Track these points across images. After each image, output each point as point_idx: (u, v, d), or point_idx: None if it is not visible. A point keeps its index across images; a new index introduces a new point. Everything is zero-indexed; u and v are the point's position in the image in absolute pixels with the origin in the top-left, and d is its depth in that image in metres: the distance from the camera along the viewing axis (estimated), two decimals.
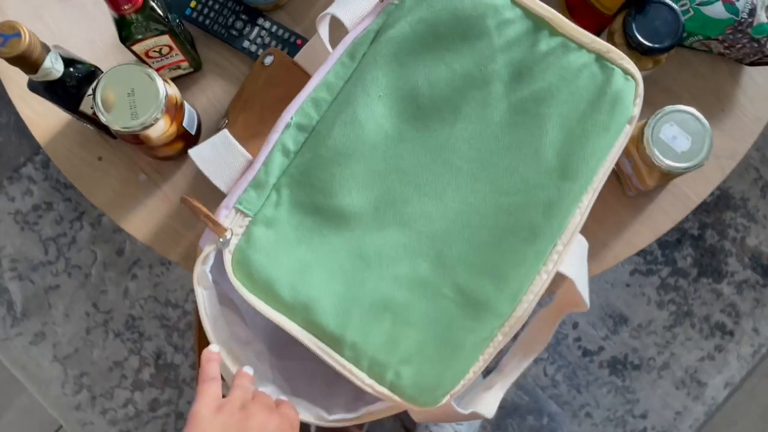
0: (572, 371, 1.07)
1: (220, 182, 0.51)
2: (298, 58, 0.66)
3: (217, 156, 0.51)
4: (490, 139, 0.51)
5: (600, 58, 0.51)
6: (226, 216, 0.50)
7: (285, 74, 0.67)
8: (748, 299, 1.09)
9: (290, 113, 0.51)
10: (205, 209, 0.49)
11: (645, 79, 0.69)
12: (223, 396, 0.46)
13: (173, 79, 0.69)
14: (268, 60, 0.67)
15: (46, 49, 0.53)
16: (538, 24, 0.51)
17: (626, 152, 0.63)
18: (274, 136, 0.51)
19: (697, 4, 0.64)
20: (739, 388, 1.09)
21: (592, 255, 0.67)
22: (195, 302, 1.07)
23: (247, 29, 0.69)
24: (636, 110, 0.50)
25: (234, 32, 0.69)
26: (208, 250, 0.49)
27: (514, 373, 0.52)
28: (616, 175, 0.68)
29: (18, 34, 0.48)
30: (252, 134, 0.65)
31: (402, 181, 0.51)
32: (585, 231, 0.67)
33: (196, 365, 0.50)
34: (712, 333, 1.09)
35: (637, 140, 0.60)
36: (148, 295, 1.07)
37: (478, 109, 0.51)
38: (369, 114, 0.50)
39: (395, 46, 0.50)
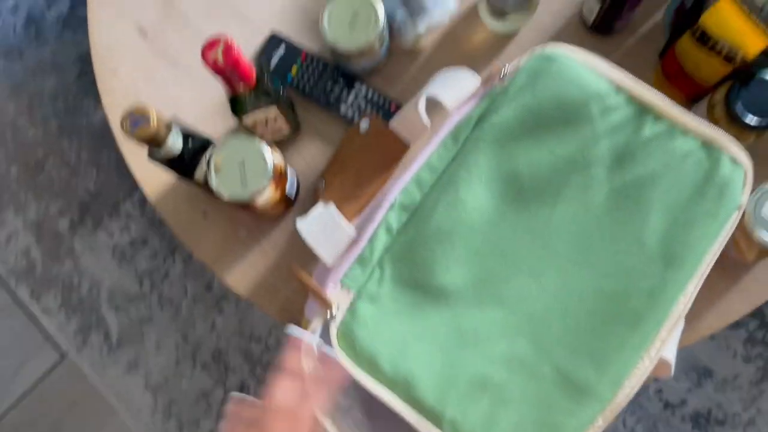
0: (652, 423, 1.05)
1: (326, 256, 0.54)
2: (393, 124, 0.69)
3: (324, 230, 0.54)
4: (591, 223, 0.51)
5: (707, 144, 0.50)
6: (332, 291, 0.52)
7: (379, 139, 0.69)
8: None
9: (394, 193, 0.53)
10: (314, 283, 0.52)
11: (749, 150, 0.68)
12: None
13: (274, 143, 0.72)
14: (364, 125, 0.69)
15: (169, 128, 0.57)
16: (643, 109, 0.51)
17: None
18: (379, 214, 0.53)
19: None
20: None
21: (686, 324, 0.66)
22: (278, 337, 1.11)
23: (344, 94, 0.72)
24: (744, 198, 0.50)
25: (332, 98, 0.72)
26: (315, 324, 0.52)
27: None
28: None
29: (147, 119, 0.53)
30: (348, 197, 0.68)
31: (501, 261, 0.52)
32: None
33: None
34: None
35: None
36: (234, 330, 1.12)
37: (579, 192, 0.51)
38: (471, 195, 0.52)
39: (498, 131, 0.52)
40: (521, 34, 0.73)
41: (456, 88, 0.55)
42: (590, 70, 0.52)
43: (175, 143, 0.57)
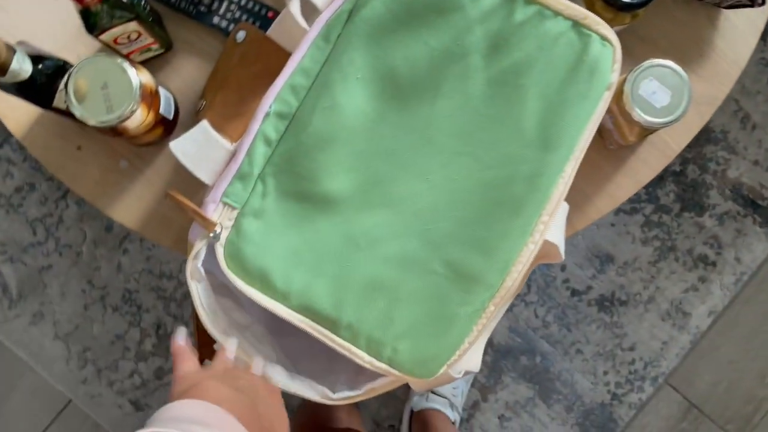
0: (562, 311, 1.11)
1: (204, 176, 0.51)
2: (271, 32, 0.65)
3: (199, 150, 0.51)
4: (471, 114, 0.51)
5: (577, 24, 0.50)
6: (214, 210, 0.50)
7: (259, 50, 0.65)
8: (730, 230, 1.12)
9: (268, 101, 0.51)
10: (192, 204, 0.50)
11: (625, 32, 0.69)
12: None
13: (144, 62, 0.67)
14: (241, 36, 0.65)
15: (12, 51, 0.51)
16: None
17: (612, 107, 0.63)
18: (255, 126, 0.51)
19: None
20: (722, 315, 1.13)
21: (576, 209, 0.68)
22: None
23: (216, 4, 0.67)
24: (614, 76, 0.50)
25: (202, 8, 0.67)
26: (199, 246, 0.50)
27: (491, 324, 0.54)
28: (597, 129, 0.69)
29: None
30: (232, 114, 0.64)
31: (386, 162, 0.51)
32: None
33: (197, 350, 0.52)
34: (696, 265, 1.12)
35: (617, 96, 0.60)
36: (142, 269, 1.08)
37: (457, 83, 0.50)
38: (348, 97, 0.50)
39: (370, 26, 0.49)
40: None
41: None
42: None
43: (21, 67, 0.52)
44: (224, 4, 0.67)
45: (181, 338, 0.51)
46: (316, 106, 0.50)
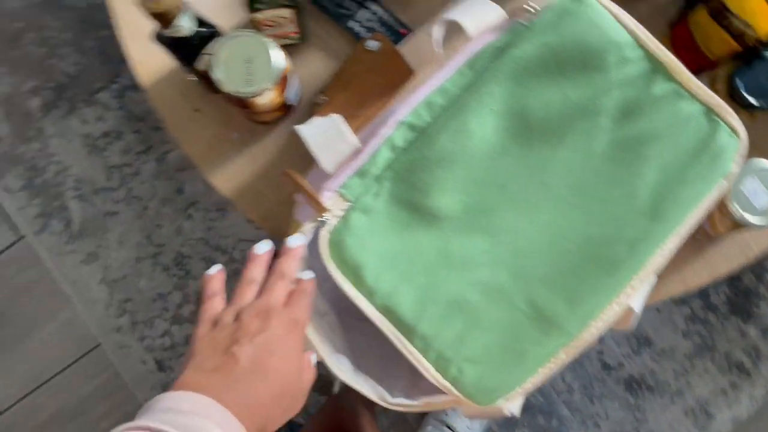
0: (589, 381, 1.11)
1: (326, 163, 0.54)
2: (403, 49, 0.68)
3: (327, 139, 0.54)
4: (589, 170, 0.53)
5: (710, 111, 0.52)
6: (329, 197, 0.53)
7: (388, 63, 0.69)
8: None
9: (403, 112, 0.54)
10: (309, 187, 0.52)
11: None
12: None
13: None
14: (373, 45, 0.69)
15: (180, 8, 0.55)
16: (656, 67, 0.52)
17: None
18: (385, 131, 0.53)
19: None
20: (745, 425, 1.13)
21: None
22: (243, 251, 1.11)
23: (358, 11, 0.71)
24: (735, 167, 0.52)
25: (344, 10, 0.71)
26: (308, 226, 0.52)
27: (555, 372, 0.55)
28: None
29: None
30: (349, 115, 0.67)
31: (498, 193, 0.53)
32: None
33: None
34: (730, 369, 1.12)
35: None
36: (200, 237, 1.11)
37: (583, 138, 0.53)
38: (479, 125, 0.52)
39: (517, 65, 0.52)
40: None
41: (480, 17, 0.55)
42: (614, 19, 0.52)
43: (184, 25, 0.56)
44: (366, 13, 0.71)
45: (215, 268, 0.50)
46: (447, 126, 0.53)
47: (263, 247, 0.52)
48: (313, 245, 0.54)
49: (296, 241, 0.52)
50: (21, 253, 1.10)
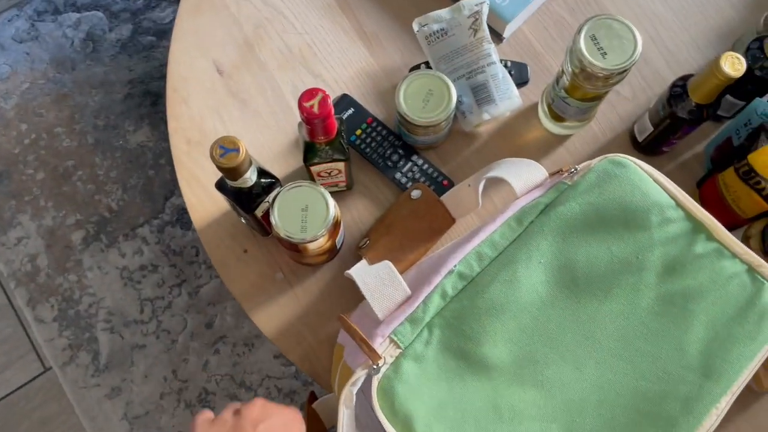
0: None
1: (378, 308, 0.55)
2: (444, 198, 0.72)
3: (380, 284, 0.56)
4: (635, 323, 0.54)
5: (752, 270, 0.54)
6: (380, 344, 0.54)
7: (429, 210, 0.72)
8: None
9: (454, 261, 0.56)
10: (361, 333, 0.53)
11: None
12: None
13: None
14: (416, 194, 0.73)
15: (250, 163, 0.59)
16: (698, 227, 0.55)
17: None
18: (436, 279, 0.55)
19: None
20: None
21: None
22: (269, 389, 1.10)
23: (401, 163, 0.75)
24: None
25: (389, 163, 0.75)
26: (360, 374, 0.53)
27: None
28: None
29: (237, 150, 0.55)
30: (391, 258, 0.70)
31: (546, 344, 0.54)
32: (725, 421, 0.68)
33: None
34: None
35: None
36: (225, 373, 1.10)
37: (628, 292, 0.54)
38: (527, 276, 0.54)
39: (562, 222, 0.55)
40: (572, 139, 0.78)
41: (525, 175, 0.58)
42: (655, 182, 0.56)
43: (251, 177, 0.60)
44: (408, 165, 0.75)
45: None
46: (497, 277, 0.54)
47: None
48: (361, 392, 0.54)
49: None
50: (45, 385, 1.09)
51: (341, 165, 0.67)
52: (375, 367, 0.53)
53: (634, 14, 0.83)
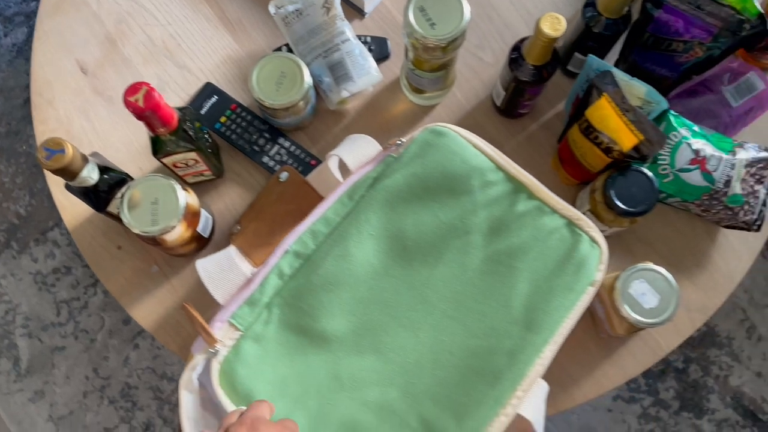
0: None
1: (219, 296, 0.57)
2: (310, 178, 0.73)
3: (221, 272, 0.57)
4: (465, 284, 0.56)
5: (571, 224, 0.56)
6: (219, 328, 0.55)
7: (296, 191, 0.73)
8: None
9: (290, 241, 0.57)
10: (201, 319, 0.55)
11: (626, 232, 0.75)
12: None
13: (195, 184, 0.76)
14: (283, 176, 0.74)
15: (85, 161, 0.60)
16: (518, 187, 0.57)
17: (600, 299, 0.67)
18: (273, 260, 0.57)
19: (677, 170, 0.71)
20: None
21: (562, 390, 0.71)
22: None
23: (269, 146, 0.76)
24: (599, 275, 0.55)
25: (256, 147, 0.76)
26: (198, 359, 0.54)
27: None
28: (592, 315, 0.73)
29: (62, 151, 0.56)
30: (261, 243, 0.71)
31: (383, 312, 0.56)
32: (557, 367, 0.71)
33: None
34: None
35: (610, 291, 0.65)
36: (146, 366, 1.11)
37: (457, 255, 0.56)
38: (359, 249, 0.56)
39: (389, 194, 0.57)
40: (437, 109, 0.80)
41: (358, 152, 0.60)
42: (474, 148, 0.57)
43: (89, 176, 0.60)
44: (275, 147, 0.76)
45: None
46: (330, 252, 0.56)
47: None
48: (205, 376, 0.55)
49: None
50: None
51: (193, 154, 0.67)
52: (212, 351, 0.54)
53: None
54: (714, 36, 0.65)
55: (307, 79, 0.71)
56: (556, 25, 0.60)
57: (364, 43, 0.79)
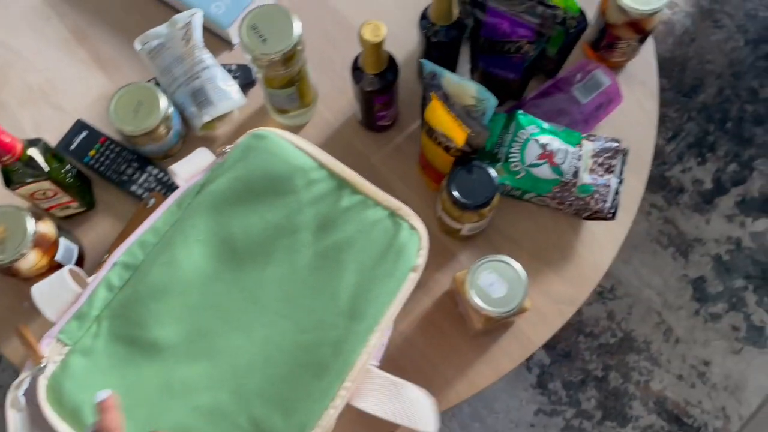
0: None
1: (51, 315, 0.57)
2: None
3: (52, 292, 0.57)
4: (296, 282, 0.56)
5: (393, 214, 0.57)
6: (47, 345, 0.55)
7: None
8: None
9: (119, 253, 0.58)
10: (30, 338, 0.55)
11: (492, 230, 0.76)
12: None
13: (66, 217, 0.77)
14: (151, 202, 0.75)
15: None
16: (342, 184, 0.58)
17: (459, 295, 0.68)
18: (101, 273, 0.57)
19: (527, 166, 0.72)
20: None
21: (438, 391, 0.70)
22: None
23: (137, 175, 0.78)
24: (420, 260, 0.56)
25: (125, 177, 0.78)
26: (23, 376, 0.54)
27: None
28: (461, 316, 0.73)
29: None
30: None
31: (215, 316, 0.56)
32: (431, 369, 0.71)
33: None
34: None
35: (462, 284, 0.66)
36: None
37: (287, 254, 0.57)
38: (186, 255, 0.57)
39: (214, 198, 0.58)
40: (306, 128, 0.82)
41: (191, 164, 0.61)
42: (296, 148, 0.59)
43: None
44: (144, 176, 0.78)
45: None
46: (156, 261, 0.57)
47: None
48: (32, 394, 0.55)
49: (104, 394, 0.51)
50: None
51: (47, 184, 0.68)
52: (38, 367, 0.54)
53: (359, 3, 0.87)
54: (538, 33, 0.68)
55: (163, 105, 0.73)
56: (377, 32, 0.63)
57: (230, 71, 0.81)
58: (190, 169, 0.61)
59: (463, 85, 0.66)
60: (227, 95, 0.78)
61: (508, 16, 0.68)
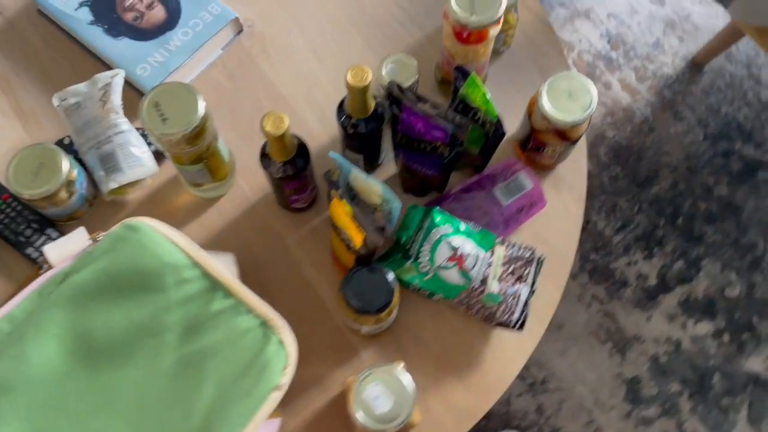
0: None
1: None
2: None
3: None
4: (154, 388, 0.53)
5: (264, 324, 0.54)
6: None
7: None
8: None
9: None
10: None
11: (399, 329, 0.73)
12: None
13: None
14: (45, 268, 0.71)
15: None
16: (215, 285, 0.55)
17: (347, 404, 0.64)
18: None
19: (437, 267, 0.70)
20: None
21: None
22: None
23: (35, 237, 0.74)
24: (285, 379, 0.53)
25: (22, 238, 0.74)
26: None
27: None
28: None
29: None
30: None
31: (63, 418, 0.52)
32: None
33: None
34: None
35: (348, 394, 0.62)
36: None
37: (149, 357, 0.53)
38: (38, 350, 0.53)
39: (76, 290, 0.54)
40: (222, 201, 0.79)
41: (64, 247, 0.58)
42: (170, 243, 0.56)
43: None
44: (42, 239, 0.74)
45: None
46: (4, 353, 0.53)
47: None
48: None
49: None
50: None
51: None
52: None
53: (292, 75, 0.85)
54: (452, 137, 0.66)
55: (65, 168, 0.70)
56: (279, 123, 0.61)
57: (145, 135, 0.79)
58: (61, 253, 0.58)
59: (369, 183, 0.63)
60: (139, 162, 0.75)
61: (422, 116, 0.66)
